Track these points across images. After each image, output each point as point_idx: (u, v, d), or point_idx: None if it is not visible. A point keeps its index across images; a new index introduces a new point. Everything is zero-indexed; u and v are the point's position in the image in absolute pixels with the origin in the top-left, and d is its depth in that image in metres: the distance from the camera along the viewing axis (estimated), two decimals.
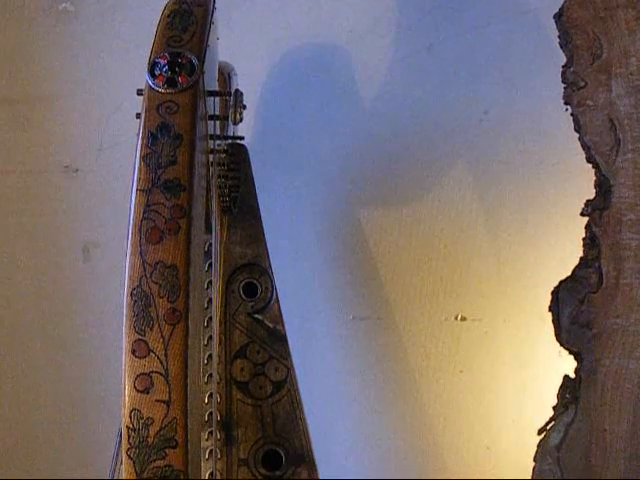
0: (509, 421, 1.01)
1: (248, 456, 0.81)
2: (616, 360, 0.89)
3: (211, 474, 0.79)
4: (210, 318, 0.82)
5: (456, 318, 1.01)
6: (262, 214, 0.86)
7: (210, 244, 0.81)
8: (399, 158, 0.99)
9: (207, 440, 0.80)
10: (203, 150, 0.66)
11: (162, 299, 0.57)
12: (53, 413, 1.09)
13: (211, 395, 0.80)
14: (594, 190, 0.89)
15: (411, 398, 1.02)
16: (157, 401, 0.56)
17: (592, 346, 0.90)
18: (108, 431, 0.81)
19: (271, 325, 0.83)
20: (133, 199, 0.59)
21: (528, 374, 1.00)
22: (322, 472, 0.80)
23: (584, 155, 0.90)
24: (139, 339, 0.56)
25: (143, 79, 0.61)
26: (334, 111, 1.00)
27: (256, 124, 0.98)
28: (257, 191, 0.87)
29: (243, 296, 0.84)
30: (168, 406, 0.56)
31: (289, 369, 0.83)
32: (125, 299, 0.57)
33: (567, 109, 0.90)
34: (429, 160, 0.99)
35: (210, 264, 0.82)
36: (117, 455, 0.82)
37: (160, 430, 0.56)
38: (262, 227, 0.86)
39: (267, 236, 0.85)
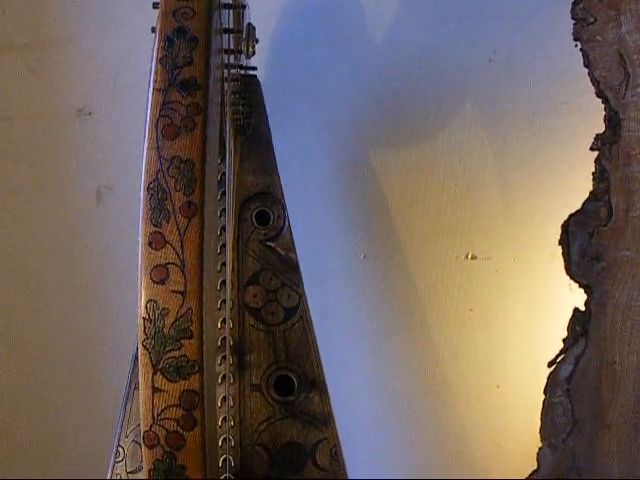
0: (519, 360, 1.01)
1: (260, 381, 0.81)
2: (625, 292, 0.89)
3: (224, 398, 0.80)
4: (223, 245, 0.83)
5: (466, 257, 1.01)
6: (275, 150, 0.87)
7: (223, 173, 0.82)
8: (409, 98, 1.00)
9: (220, 365, 0.80)
10: (218, 65, 0.67)
11: (178, 192, 0.58)
12: (64, 364, 1.10)
13: (224, 321, 0.81)
14: (603, 126, 0.90)
15: (421, 336, 1.03)
16: (173, 292, 0.57)
17: (602, 279, 0.90)
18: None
19: (283, 252, 0.84)
20: (150, 99, 0.60)
21: (538, 312, 1.00)
22: (334, 404, 0.81)
23: (593, 92, 0.91)
24: (155, 231, 0.57)
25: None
26: (345, 50, 1.00)
27: (268, 61, 0.99)
28: (270, 127, 0.87)
29: (255, 224, 0.85)
30: (184, 296, 0.57)
31: (301, 296, 0.83)
32: (142, 193, 0.58)
33: (577, 45, 0.90)
34: (439, 100, 0.99)
35: (223, 193, 0.82)
36: (131, 381, 0.83)
37: (176, 320, 0.57)
38: (274, 157, 0.86)
39: (279, 171, 0.86)
